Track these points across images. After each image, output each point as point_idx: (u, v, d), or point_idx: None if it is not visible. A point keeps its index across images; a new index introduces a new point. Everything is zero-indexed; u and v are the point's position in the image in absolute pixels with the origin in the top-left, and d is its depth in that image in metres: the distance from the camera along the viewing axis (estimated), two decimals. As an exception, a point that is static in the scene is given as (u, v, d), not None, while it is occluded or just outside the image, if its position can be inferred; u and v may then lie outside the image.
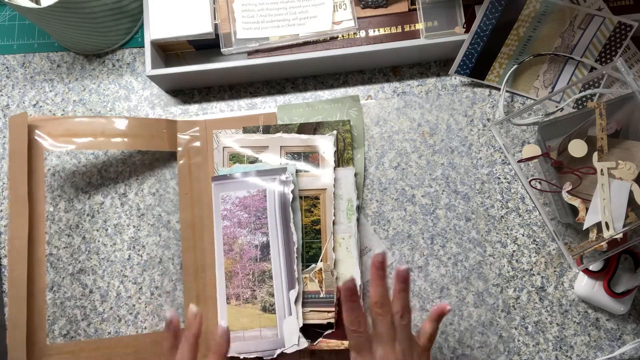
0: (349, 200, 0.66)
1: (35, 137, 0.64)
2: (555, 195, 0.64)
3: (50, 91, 0.74)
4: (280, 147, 0.67)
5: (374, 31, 0.70)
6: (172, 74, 0.68)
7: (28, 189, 0.62)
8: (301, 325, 0.62)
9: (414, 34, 0.70)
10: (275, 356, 0.62)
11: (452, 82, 0.72)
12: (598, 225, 0.60)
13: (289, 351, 0.62)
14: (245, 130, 0.69)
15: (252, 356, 0.62)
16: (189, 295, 0.67)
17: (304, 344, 0.62)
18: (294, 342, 0.62)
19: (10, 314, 0.60)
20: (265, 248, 0.64)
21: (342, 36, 0.70)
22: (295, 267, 0.63)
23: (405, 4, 0.70)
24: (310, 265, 0.64)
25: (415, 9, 0.70)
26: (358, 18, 0.70)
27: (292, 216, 0.64)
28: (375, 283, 0.55)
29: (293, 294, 0.62)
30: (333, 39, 0.70)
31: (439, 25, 0.69)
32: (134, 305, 0.68)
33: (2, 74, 0.75)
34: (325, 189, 0.66)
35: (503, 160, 0.70)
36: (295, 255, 0.63)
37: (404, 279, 0.55)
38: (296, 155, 0.67)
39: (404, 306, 0.55)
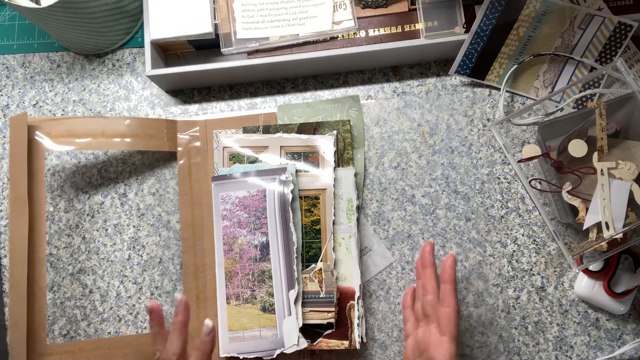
0: (349, 200, 0.66)
1: (36, 138, 0.64)
2: (555, 195, 0.64)
3: (50, 91, 0.74)
4: (280, 147, 0.67)
5: (374, 31, 0.70)
6: (172, 74, 0.68)
7: (28, 189, 0.62)
8: (300, 325, 0.62)
9: (414, 34, 0.70)
10: (274, 356, 0.62)
11: (452, 82, 0.72)
12: (598, 225, 0.60)
13: (288, 351, 0.62)
14: (245, 130, 0.69)
15: (251, 356, 0.62)
16: (189, 295, 0.67)
17: (304, 344, 0.62)
18: (294, 342, 0.62)
19: (11, 314, 0.61)
20: (265, 248, 0.64)
21: (342, 36, 0.70)
22: (294, 267, 0.63)
23: (405, 4, 0.70)
24: (310, 265, 0.64)
25: (415, 9, 0.70)
26: (358, 18, 0.70)
27: (291, 216, 0.64)
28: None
29: (292, 294, 0.62)
30: (333, 39, 0.70)
31: (439, 25, 0.69)
32: (134, 305, 0.68)
33: (2, 74, 0.75)
34: (325, 189, 0.66)
35: (503, 160, 0.70)
36: (295, 255, 0.63)
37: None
38: (296, 155, 0.67)
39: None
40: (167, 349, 0.54)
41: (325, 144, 0.67)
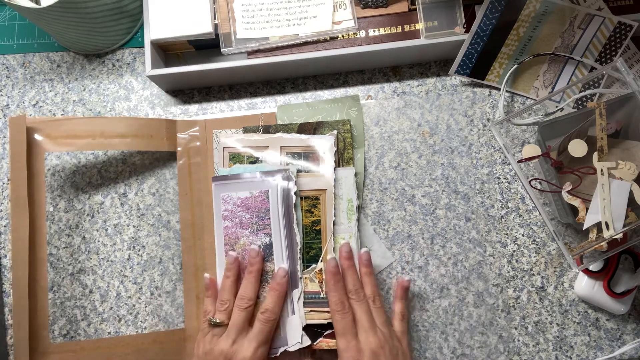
0: (349, 201, 0.66)
1: (35, 139, 0.64)
2: (555, 195, 0.64)
3: (50, 91, 0.74)
4: (281, 147, 0.67)
5: (374, 31, 0.70)
6: (172, 74, 0.68)
7: (28, 190, 0.62)
8: (304, 324, 0.62)
9: (414, 34, 0.70)
10: (278, 354, 0.62)
11: (452, 82, 0.72)
12: (598, 225, 0.60)
13: (292, 349, 0.62)
14: (245, 130, 0.69)
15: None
16: (189, 295, 0.67)
17: (307, 341, 0.62)
18: (297, 340, 0.62)
19: (14, 314, 0.61)
20: (268, 248, 0.64)
21: (342, 36, 0.70)
22: (298, 267, 0.63)
23: (405, 4, 0.70)
24: (310, 265, 0.64)
25: (415, 9, 0.70)
26: (358, 18, 0.70)
27: (295, 217, 0.64)
28: (346, 273, 0.62)
29: (296, 293, 0.62)
30: (333, 39, 0.70)
31: (439, 25, 0.69)
32: (134, 305, 0.68)
33: (2, 74, 0.75)
34: (326, 189, 0.66)
35: (503, 160, 0.70)
36: (299, 255, 0.63)
37: (368, 263, 0.63)
38: (296, 155, 0.67)
39: (373, 290, 0.62)
40: (240, 294, 0.61)
41: (325, 144, 0.67)
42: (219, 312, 0.60)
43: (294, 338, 0.62)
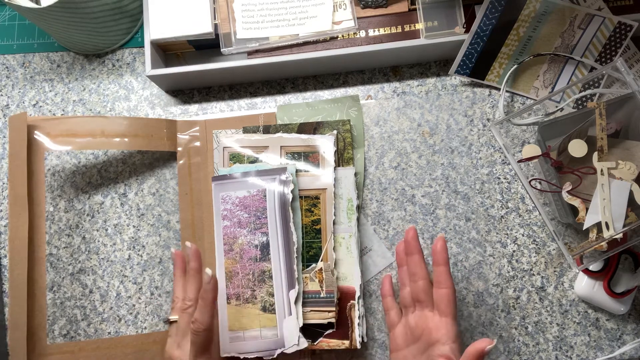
0: (349, 200, 0.66)
1: (35, 137, 0.64)
2: (555, 195, 0.64)
3: (50, 91, 0.74)
4: (280, 147, 0.67)
5: (374, 31, 0.70)
6: (172, 74, 0.68)
7: (28, 189, 0.62)
8: (301, 325, 0.62)
9: (414, 34, 0.70)
10: (275, 356, 0.62)
11: (452, 82, 0.72)
12: (598, 225, 0.60)
13: (289, 351, 0.62)
14: (245, 130, 0.69)
15: (252, 356, 0.62)
16: (189, 295, 0.67)
17: (304, 343, 0.62)
18: (294, 342, 0.62)
19: (11, 314, 0.61)
20: (265, 248, 0.64)
21: (342, 36, 0.70)
22: (295, 267, 0.63)
23: (405, 4, 0.70)
24: (310, 264, 0.64)
25: (415, 9, 0.70)
26: (358, 18, 0.70)
27: (292, 216, 0.64)
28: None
29: (293, 293, 0.62)
30: (333, 39, 0.70)
31: (439, 25, 0.69)
32: (134, 305, 0.68)
33: (2, 74, 0.75)
34: (326, 188, 0.66)
35: (503, 160, 0.70)
36: (295, 255, 0.63)
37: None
38: (296, 155, 0.67)
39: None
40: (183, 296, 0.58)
41: (325, 144, 0.67)
42: (172, 310, 0.59)
43: (291, 340, 0.62)
